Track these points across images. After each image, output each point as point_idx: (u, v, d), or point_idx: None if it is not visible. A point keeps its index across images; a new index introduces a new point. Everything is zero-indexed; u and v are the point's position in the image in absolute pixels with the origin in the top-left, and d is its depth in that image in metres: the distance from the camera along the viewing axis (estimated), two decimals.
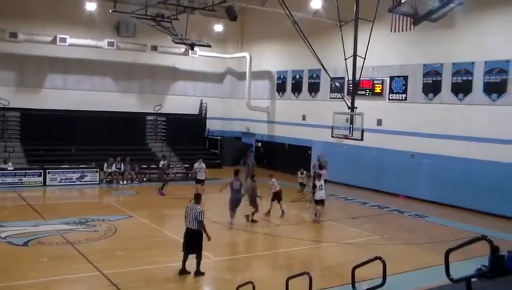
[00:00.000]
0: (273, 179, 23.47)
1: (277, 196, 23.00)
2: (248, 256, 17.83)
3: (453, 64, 27.13)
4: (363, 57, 24.08)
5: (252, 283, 10.87)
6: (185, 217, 14.69)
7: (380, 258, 8.46)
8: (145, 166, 32.50)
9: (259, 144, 41.13)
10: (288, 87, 38.38)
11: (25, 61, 35.09)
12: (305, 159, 35.24)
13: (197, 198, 15.08)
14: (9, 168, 28.64)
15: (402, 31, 23.83)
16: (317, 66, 29.68)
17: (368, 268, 9.02)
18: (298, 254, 17.98)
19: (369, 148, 29.76)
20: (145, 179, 31.71)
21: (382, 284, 8.05)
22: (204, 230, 14.46)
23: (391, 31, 24.05)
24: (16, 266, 15.18)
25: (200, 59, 40.46)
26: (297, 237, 19.91)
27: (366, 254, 10.24)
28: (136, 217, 22.25)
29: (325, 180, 25.09)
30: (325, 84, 34.37)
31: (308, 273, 9.95)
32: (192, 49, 35.66)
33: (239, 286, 11.52)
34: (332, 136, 26.82)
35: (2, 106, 33.77)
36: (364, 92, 30.60)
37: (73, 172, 29.84)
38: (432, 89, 28.17)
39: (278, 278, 12.94)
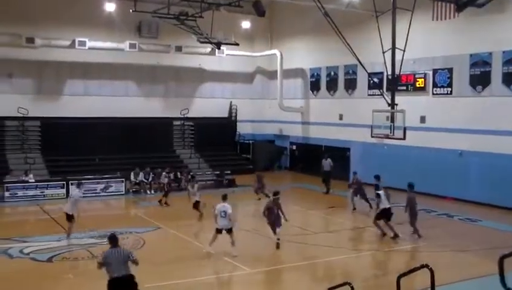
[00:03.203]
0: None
1: None
2: (285, 267, 17.72)
3: (504, 52, 26.56)
4: (403, 49, 23.84)
5: None
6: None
7: (427, 266, 8.32)
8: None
9: (294, 147, 41.02)
10: (323, 85, 38.21)
11: (43, 68, 35.70)
12: (343, 161, 35.08)
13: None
14: (30, 181, 29.11)
15: (445, 19, 23.52)
16: (353, 61, 29.41)
17: (414, 277, 8.87)
18: (338, 264, 17.86)
19: (412, 147, 29.38)
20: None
21: None
22: None
23: (433, 19, 23.70)
24: (40, 284, 15.41)
25: (228, 59, 40.58)
26: (337, 246, 19.78)
27: (412, 262, 10.07)
28: (164, 228, 22.39)
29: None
30: (362, 80, 34.13)
31: (349, 284, 9.87)
32: (219, 49, 35.85)
33: None
34: (372, 136, 26.66)
35: (21, 115, 34.33)
36: (405, 88, 30.28)
37: (98, 183, 30.14)
38: (480, 80, 27.68)
39: (318, 289, 12.81)
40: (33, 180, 29.23)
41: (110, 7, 33.69)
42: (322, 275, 16.56)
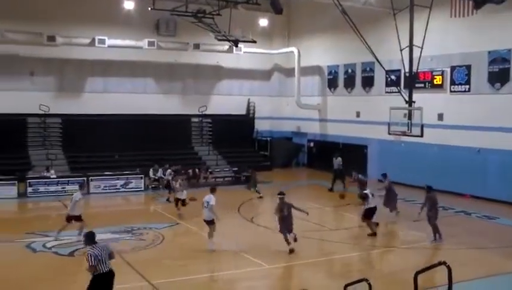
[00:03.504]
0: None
1: None
2: (302, 263, 17.69)
3: None
4: (420, 46, 23.83)
5: None
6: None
7: (444, 263, 8.37)
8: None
9: (312, 144, 41.05)
10: (340, 82, 38.22)
11: (64, 65, 36.13)
12: (360, 159, 35.08)
13: None
14: (52, 177, 29.47)
15: (463, 16, 23.45)
16: (370, 58, 29.51)
17: (431, 274, 8.91)
18: (355, 260, 17.96)
19: (430, 145, 29.34)
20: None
21: None
22: None
23: (451, 16, 23.63)
24: (61, 277, 15.68)
25: (246, 56, 40.72)
26: (354, 242, 19.85)
27: (430, 260, 10.06)
28: (183, 224, 22.59)
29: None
30: (379, 77, 34.07)
31: (367, 280, 9.89)
32: (236, 46, 35.96)
33: None
34: (389, 133, 26.65)
35: (43, 112, 34.80)
36: (422, 85, 30.16)
37: (118, 179, 30.42)
38: (499, 78, 27.52)
39: (335, 285, 12.88)
40: (54, 176, 29.58)
41: (129, 5, 33.95)
42: (339, 271, 16.55)
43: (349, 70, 37.22)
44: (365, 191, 20.93)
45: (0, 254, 18.25)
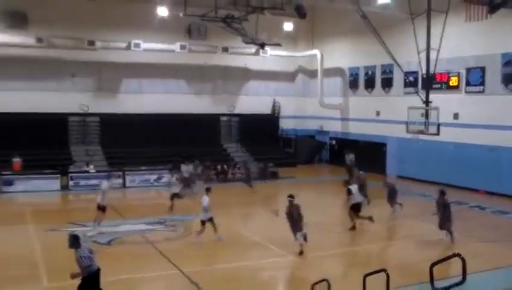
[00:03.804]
0: None
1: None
2: (323, 254, 17.76)
3: None
4: (437, 49, 23.73)
5: (327, 280, 10.78)
6: None
7: (459, 255, 8.29)
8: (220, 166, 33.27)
9: (334, 142, 41.01)
10: (361, 83, 38.13)
11: (102, 68, 36.55)
12: (379, 156, 34.99)
13: None
14: (91, 171, 29.93)
15: (477, 20, 23.18)
16: (389, 60, 29.42)
17: (446, 265, 8.88)
18: (374, 252, 17.97)
19: (446, 142, 29.14)
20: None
21: (462, 282, 7.98)
22: None
23: (466, 21, 23.42)
24: (100, 265, 15.88)
25: (271, 58, 40.75)
26: (373, 235, 19.85)
27: (445, 252, 10.01)
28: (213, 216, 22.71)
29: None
30: (398, 79, 33.89)
31: (385, 271, 9.87)
32: (263, 49, 35.99)
33: (314, 284, 11.46)
34: (407, 132, 26.53)
35: (83, 111, 35.33)
36: (439, 86, 30.02)
37: (151, 173, 30.72)
38: None
39: (354, 275, 12.89)
40: (93, 171, 30.02)
41: (162, 12, 34.10)
42: (358, 262, 16.53)
43: (370, 72, 37.10)
44: (350, 187, 20.62)
45: (46, 241, 18.64)
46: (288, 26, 38.80)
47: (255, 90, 41.92)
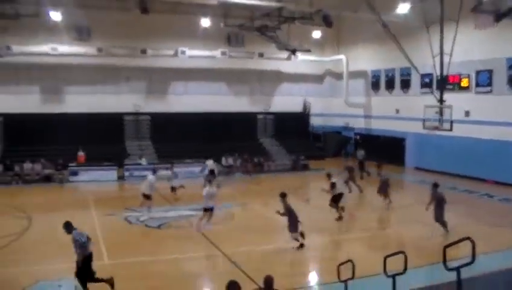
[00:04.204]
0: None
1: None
2: (346, 238, 18.10)
3: None
4: (449, 54, 23.82)
5: (351, 261, 10.86)
6: None
7: (469, 238, 8.31)
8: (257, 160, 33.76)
9: (358, 137, 41.10)
10: (382, 84, 38.04)
11: (152, 72, 37.18)
12: (399, 149, 35.04)
13: None
14: (143, 163, 30.63)
15: (485, 28, 23.20)
16: (407, 64, 29.65)
17: (457, 247, 9.00)
18: (393, 236, 18.05)
19: (458, 137, 29.06)
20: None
21: (471, 263, 8.08)
22: None
23: (475, 28, 23.46)
24: (151, 245, 16.64)
25: (302, 63, 40.94)
26: (392, 220, 20.04)
27: (457, 236, 10.05)
28: (250, 204, 23.26)
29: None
30: (415, 80, 33.81)
31: (403, 252, 9.97)
32: (294, 54, 36.27)
33: (340, 264, 11.54)
34: (424, 128, 26.70)
35: (136, 111, 36.18)
36: (452, 86, 29.82)
37: (196, 166, 31.19)
38: None
39: (375, 257, 12.91)
40: (145, 163, 30.60)
41: (205, 23, 34.71)
42: (378, 245, 16.43)
43: (390, 74, 37.04)
44: (333, 181, 19.97)
45: (106, 224, 19.39)
46: (316, 34, 38.92)
47: (288, 91, 42.07)
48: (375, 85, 38.87)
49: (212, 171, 26.38)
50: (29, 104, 33.54)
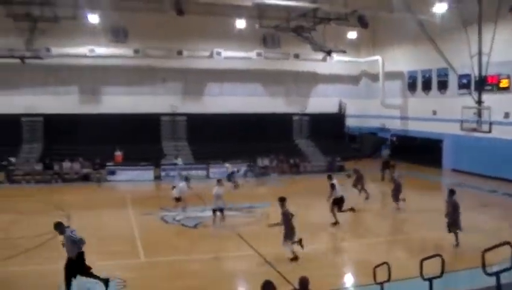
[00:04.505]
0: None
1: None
2: (382, 240, 17.91)
3: None
4: (488, 54, 23.38)
5: (387, 263, 10.79)
6: None
7: (508, 243, 8.18)
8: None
9: (394, 138, 40.64)
10: (419, 85, 37.43)
11: (188, 74, 37.48)
12: (436, 151, 34.48)
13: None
14: (179, 163, 30.89)
15: None
16: (444, 64, 29.13)
17: (497, 252, 8.82)
18: (430, 239, 17.67)
19: (498, 139, 28.40)
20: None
21: (511, 268, 7.97)
22: None
23: None
24: (186, 245, 16.81)
25: (337, 63, 40.60)
26: (428, 224, 19.72)
27: (495, 240, 9.83)
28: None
29: None
30: (452, 81, 33.01)
31: (440, 256, 9.86)
32: (329, 55, 36.17)
33: (376, 266, 11.45)
34: (461, 129, 26.23)
35: (173, 111, 36.55)
36: (490, 87, 29.07)
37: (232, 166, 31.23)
38: None
39: (412, 260, 12.72)
40: (181, 163, 30.85)
41: (240, 24, 34.84)
42: (415, 248, 16.09)
43: (426, 75, 36.43)
44: (333, 182, 19.38)
45: (143, 223, 19.66)
46: (352, 34, 38.72)
47: (323, 92, 41.78)
48: (412, 86, 38.31)
49: (231, 173, 27.88)
50: (68, 105, 34.36)
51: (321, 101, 41.16)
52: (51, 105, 33.73)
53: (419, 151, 35.59)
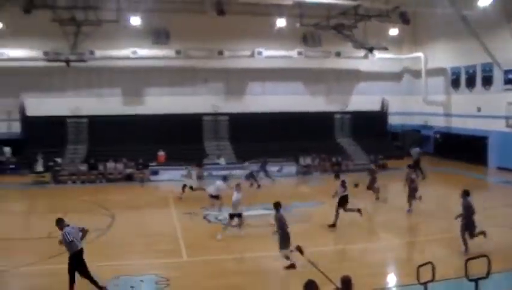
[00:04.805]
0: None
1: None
2: (425, 239, 17.63)
3: None
4: None
5: (431, 263, 10.52)
6: None
7: None
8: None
9: (438, 136, 39.94)
10: (462, 82, 36.67)
11: (230, 73, 37.75)
12: (481, 148, 33.69)
13: None
14: (221, 163, 31.12)
15: None
16: (489, 60, 28.42)
17: None
18: (475, 239, 17.38)
19: None
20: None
21: None
22: None
23: None
24: (229, 244, 16.90)
25: (379, 61, 40.16)
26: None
27: None
28: (328, 203, 22.94)
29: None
30: (497, 76, 32.26)
31: (486, 256, 9.71)
32: (371, 53, 35.81)
33: (420, 266, 11.16)
34: (507, 126, 25.59)
35: (215, 111, 36.86)
36: None
37: (274, 165, 31.30)
38: None
39: (456, 260, 12.56)
40: (224, 163, 31.12)
41: (281, 23, 34.67)
42: (459, 247, 15.61)
43: (470, 71, 35.62)
44: (343, 180, 19.22)
45: (185, 222, 19.93)
46: (393, 31, 38.07)
47: (365, 90, 41.39)
48: (455, 82, 37.55)
49: (251, 173, 28.06)
50: (111, 106, 35.09)
51: (363, 99, 40.75)
52: (95, 107, 34.57)
53: (464, 149, 34.88)
